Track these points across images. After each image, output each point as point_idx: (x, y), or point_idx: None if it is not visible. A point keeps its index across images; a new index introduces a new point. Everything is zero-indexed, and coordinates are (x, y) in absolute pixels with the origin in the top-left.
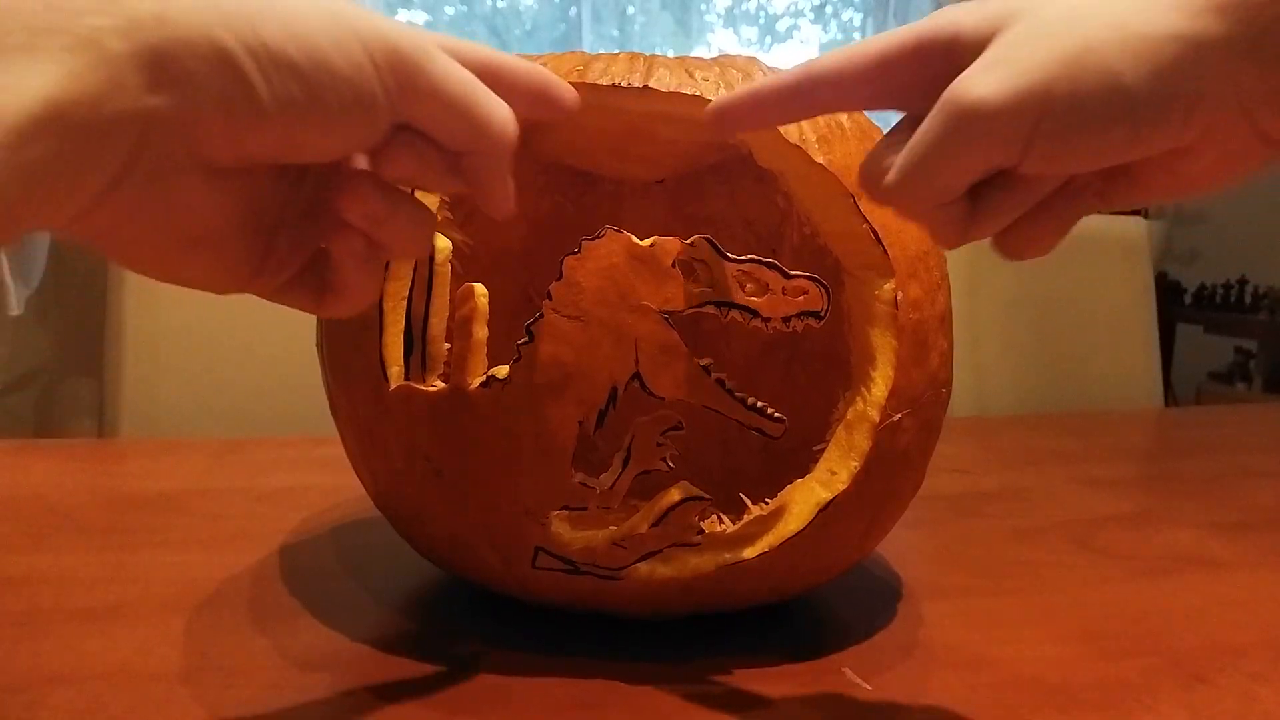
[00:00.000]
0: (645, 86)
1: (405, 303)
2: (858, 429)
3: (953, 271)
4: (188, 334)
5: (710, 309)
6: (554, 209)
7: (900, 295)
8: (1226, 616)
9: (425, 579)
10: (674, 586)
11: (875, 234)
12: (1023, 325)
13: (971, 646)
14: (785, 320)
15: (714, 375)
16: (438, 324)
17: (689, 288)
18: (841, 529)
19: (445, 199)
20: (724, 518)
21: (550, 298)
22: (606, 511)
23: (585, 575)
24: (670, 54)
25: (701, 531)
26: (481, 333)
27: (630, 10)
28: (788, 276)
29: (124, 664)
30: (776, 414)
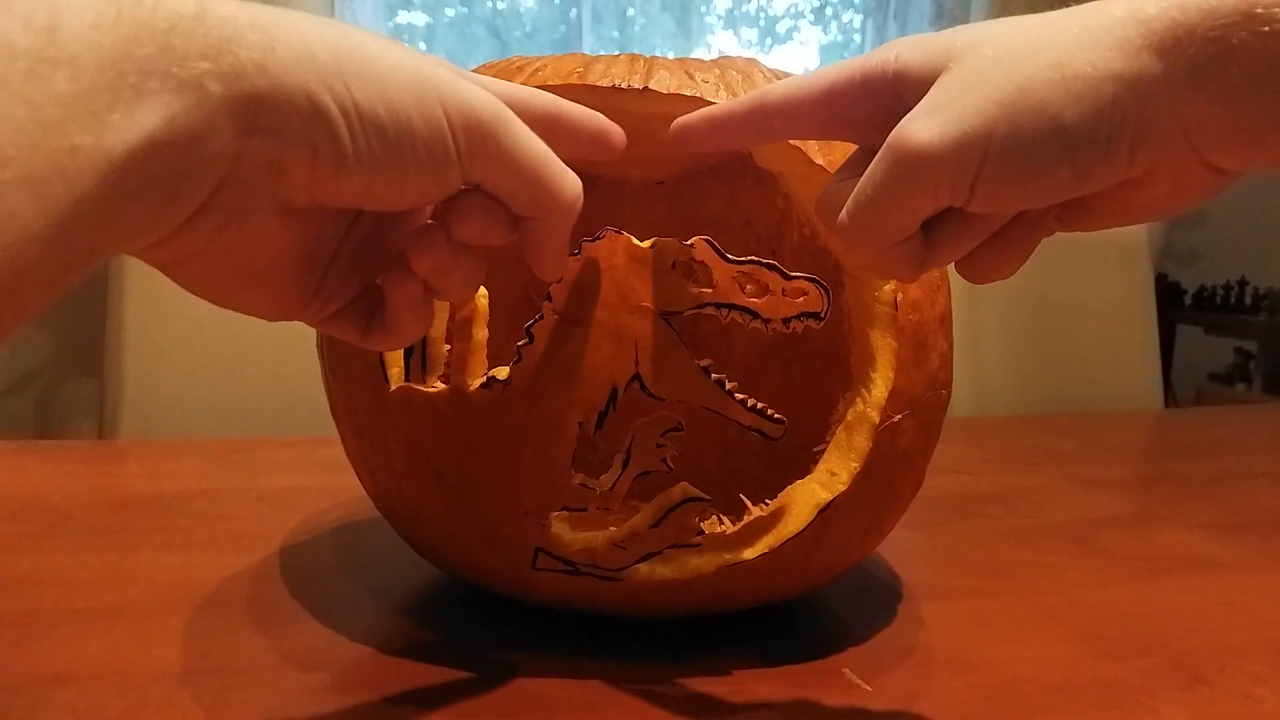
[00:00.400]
0: (645, 88)
1: None
2: (858, 430)
3: (952, 272)
4: (188, 334)
5: (710, 310)
6: None
7: (900, 296)
8: (1226, 617)
9: (425, 579)
10: (674, 587)
11: None
12: (1022, 325)
13: (971, 647)
14: (785, 321)
15: (714, 376)
16: (438, 324)
17: (689, 288)
18: (841, 530)
19: None
20: (724, 519)
21: (550, 298)
22: (606, 512)
23: (585, 576)
24: (670, 56)
25: (701, 532)
26: (481, 334)
27: (630, 12)
28: (788, 278)
29: (124, 664)
30: (776, 415)
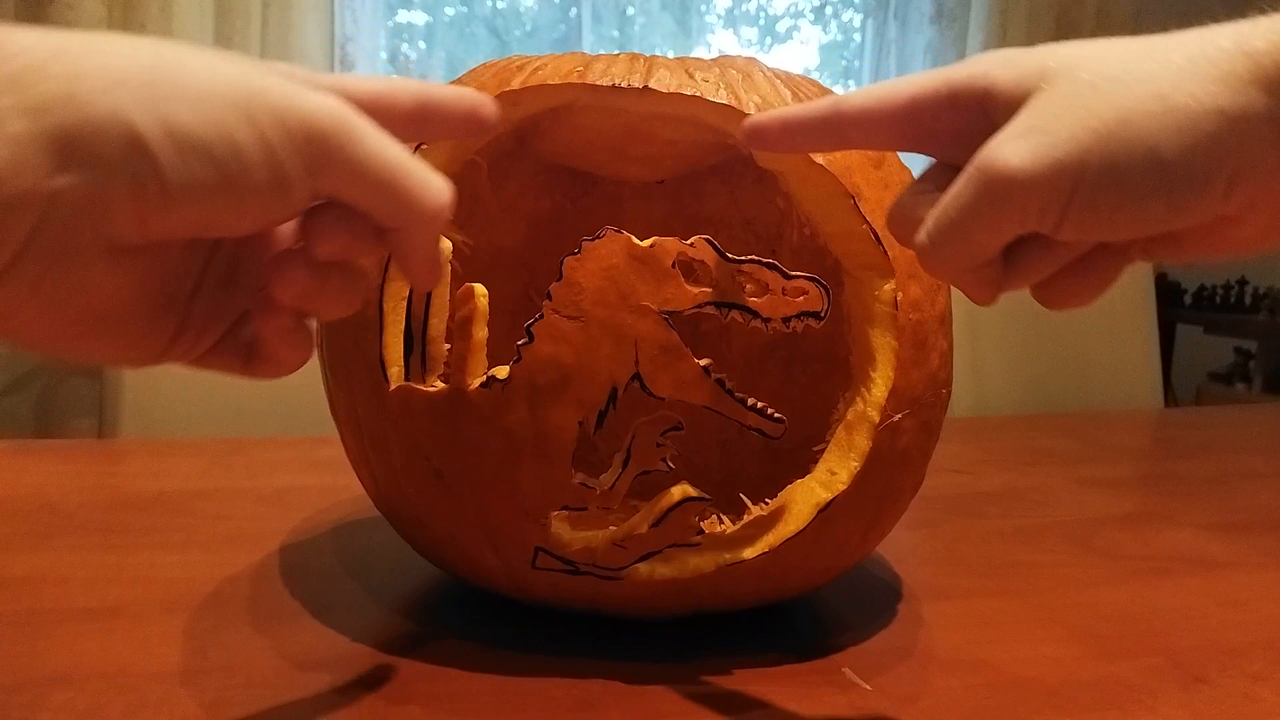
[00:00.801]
0: (645, 87)
1: (405, 303)
2: (858, 429)
3: None
4: None
5: (710, 309)
6: (554, 209)
7: (900, 295)
8: (1226, 616)
9: (425, 579)
10: (674, 587)
11: (875, 234)
12: (1022, 325)
13: (971, 647)
14: (785, 321)
15: (714, 376)
16: (438, 324)
17: (689, 288)
18: (841, 529)
19: None
20: (724, 518)
21: (550, 298)
22: (606, 512)
23: (585, 575)
24: (670, 55)
25: (701, 532)
26: (481, 333)
27: (630, 11)
28: (788, 277)
29: (124, 664)
30: (776, 414)
